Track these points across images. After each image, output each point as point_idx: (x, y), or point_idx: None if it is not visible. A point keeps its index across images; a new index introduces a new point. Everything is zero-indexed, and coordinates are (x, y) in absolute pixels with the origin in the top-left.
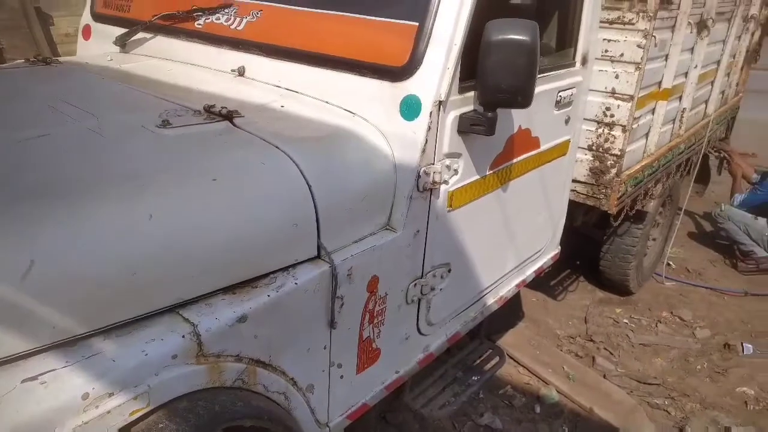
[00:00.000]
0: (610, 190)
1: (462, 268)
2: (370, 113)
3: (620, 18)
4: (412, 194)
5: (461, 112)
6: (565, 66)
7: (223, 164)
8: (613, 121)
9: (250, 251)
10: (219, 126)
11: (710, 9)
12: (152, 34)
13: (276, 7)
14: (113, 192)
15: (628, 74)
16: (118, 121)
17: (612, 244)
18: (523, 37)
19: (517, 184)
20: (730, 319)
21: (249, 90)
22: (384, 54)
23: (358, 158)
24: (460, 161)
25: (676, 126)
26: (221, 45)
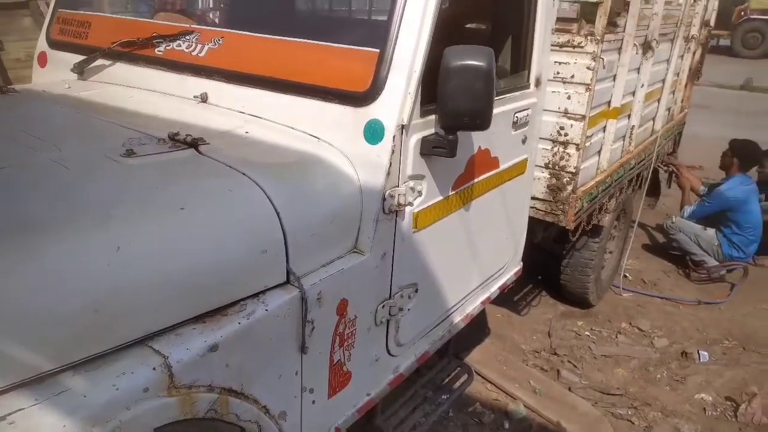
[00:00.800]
0: (567, 206)
1: (429, 287)
2: (334, 138)
3: (570, 41)
4: (378, 217)
5: (423, 135)
6: (520, 88)
7: (191, 193)
8: (567, 140)
9: (219, 279)
10: (184, 154)
11: (654, 31)
12: (111, 61)
13: (238, 34)
14: (79, 224)
15: (579, 95)
16: (82, 151)
17: (571, 258)
18: (480, 62)
19: (479, 203)
20: (686, 328)
21: (212, 116)
22: (347, 80)
23: (324, 183)
24: (424, 183)
25: (627, 143)
26: (183, 71)
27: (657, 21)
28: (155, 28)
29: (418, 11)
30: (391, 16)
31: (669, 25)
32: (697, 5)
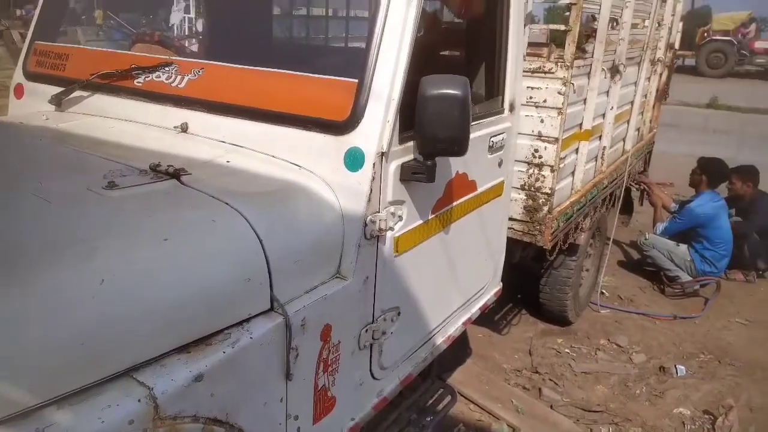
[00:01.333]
0: (543, 226)
1: (411, 310)
2: (315, 165)
3: (541, 67)
4: (360, 242)
5: (402, 161)
6: (495, 113)
7: (174, 224)
8: (541, 162)
9: (204, 309)
10: (166, 185)
11: (621, 55)
12: (89, 93)
13: (218, 66)
14: (63, 258)
15: (551, 118)
16: (63, 184)
17: (549, 276)
18: (456, 91)
19: (458, 225)
20: (663, 343)
21: (193, 146)
22: (326, 109)
23: (306, 210)
24: (404, 207)
25: (599, 163)
26: (163, 102)
27: (624, 46)
28: (134, 60)
29: (395, 42)
30: (369, 46)
31: (635, 49)
32: (662, 30)
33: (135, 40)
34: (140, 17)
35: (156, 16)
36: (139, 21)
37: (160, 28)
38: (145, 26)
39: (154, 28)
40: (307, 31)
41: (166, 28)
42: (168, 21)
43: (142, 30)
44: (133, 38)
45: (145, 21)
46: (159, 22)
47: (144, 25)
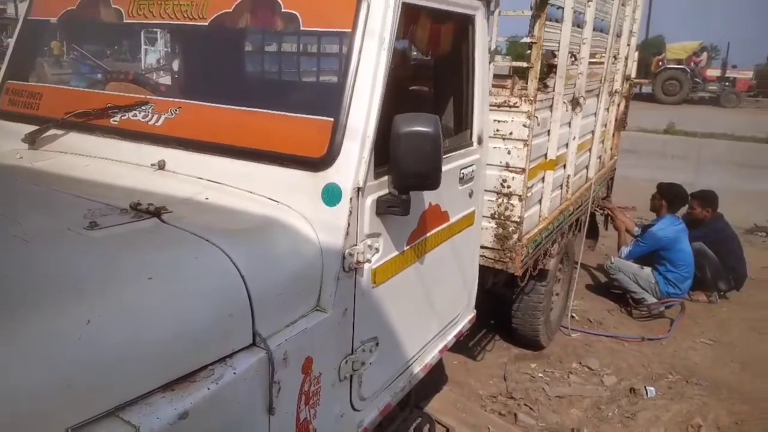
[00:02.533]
0: (514, 253)
1: (389, 340)
2: (293, 201)
3: (506, 102)
4: (338, 275)
5: (378, 195)
6: (464, 146)
7: (157, 262)
8: (510, 192)
9: (188, 346)
10: (148, 223)
11: (580, 88)
12: (64, 131)
13: (195, 104)
14: (48, 299)
15: (518, 150)
16: (43, 224)
17: (521, 302)
18: (428, 128)
19: (433, 255)
20: (632, 364)
21: (172, 183)
22: (303, 146)
23: (286, 245)
24: (380, 240)
25: (564, 191)
26: (139, 140)
27: (583, 80)
28: (110, 99)
29: (369, 82)
30: (344, 87)
31: (594, 82)
32: (618, 63)
33: (109, 78)
34: (105, 48)
35: (120, 46)
36: (104, 52)
37: (126, 59)
38: (109, 57)
39: (119, 59)
40: (282, 67)
41: (131, 59)
42: (134, 53)
43: (115, 68)
44: (108, 77)
45: (110, 52)
46: (124, 53)
47: (108, 56)
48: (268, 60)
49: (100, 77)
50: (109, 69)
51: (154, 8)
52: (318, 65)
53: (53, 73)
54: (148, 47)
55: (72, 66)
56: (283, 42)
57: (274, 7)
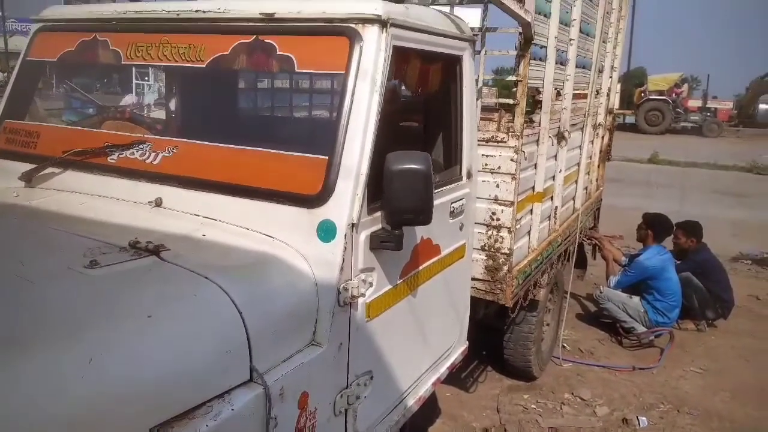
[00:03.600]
0: (504, 284)
1: (383, 373)
2: (289, 237)
3: (494, 137)
4: (334, 310)
5: (371, 231)
6: (454, 181)
7: (157, 300)
8: (499, 224)
9: (187, 383)
10: (147, 261)
11: (565, 123)
12: (61, 170)
13: (192, 143)
14: (51, 338)
15: (506, 183)
16: (44, 264)
17: (512, 333)
18: (419, 166)
19: (425, 288)
20: (624, 394)
21: (169, 221)
22: (299, 184)
23: (282, 281)
24: (374, 274)
25: (552, 222)
26: (136, 178)
27: (567, 114)
28: (108, 138)
29: (362, 122)
30: (338, 126)
31: (578, 116)
32: (601, 97)
33: (105, 117)
34: (94, 82)
35: (110, 80)
36: (93, 85)
37: (115, 92)
38: (99, 90)
39: (110, 91)
40: (277, 107)
41: (120, 92)
42: (124, 88)
43: (111, 107)
44: (104, 115)
45: (99, 85)
46: (114, 86)
47: (98, 89)
48: (264, 100)
49: (97, 116)
50: (106, 108)
51: (152, 51)
52: (312, 105)
53: (51, 112)
54: (141, 82)
55: (69, 105)
56: (278, 83)
57: (269, 50)
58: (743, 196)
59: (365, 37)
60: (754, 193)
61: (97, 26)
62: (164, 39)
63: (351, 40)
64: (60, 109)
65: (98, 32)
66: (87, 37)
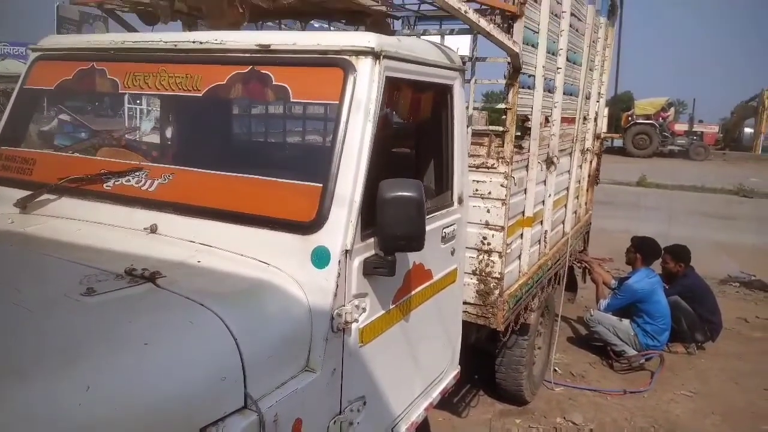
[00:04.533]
0: (496, 308)
1: (376, 399)
2: (283, 263)
3: (484, 163)
4: (327, 335)
5: (365, 257)
6: (446, 206)
7: (153, 327)
8: (490, 249)
9: (183, 410)
10: (143, 288)
11: (554, 149)
12: (56, 196)
13: (188, 171)
14: (49, 366)
15: (496, 208)
16: (41, 291)
17: (504, 357)
18: (412, 193)
19: (417, 313)
20: (616, 419)
21: (164, 247)
22: (293, 211)
23: (277, 307)
24: (367, 299)
25: (542, 246)
26: (132, 205)
27: (555, 140)
28: (104, 165)
29: (355, 151)
30: (331, 154)
31: (566, 142)
32: (588, 123)
33: (101, 144)
34: (85, 105)
35: (101, 103)
36: (85, 108)
37: (107, 115)
38: (91, 112)
39: (99, 113)
40: (273, 135)
41: (111, 115)
42: (116, 111)
43: (108, 134)
44: (100, 142)
45: (91, 107)
46: (105, 110)
47: (90, 111)
48: (259, 129)
49: (93, 142)
50: (102, 134)
51: (149, 80)
52: (306, 134)
53: (46, 139)
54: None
55: (61, 130)
56: (273, 112)
57: (265, 80)
58: (730, 219)
59: (359, 69)
60: (741, 215)
61: (95, 55)
62: (162, 68)
63: (345, 71)
64: (54, 134)
65: (96, 61)
66: (85, 66)
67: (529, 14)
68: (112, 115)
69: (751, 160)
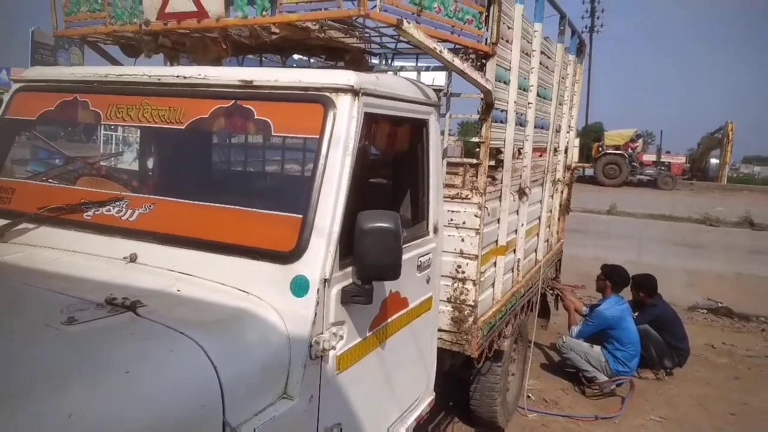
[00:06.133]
0: (470, 335)
1: (352, 425)
2: (263, 292)
3: (459, 194)
4: (305, 363)
5: (343, 285)
6: (422, 236)
7: (134, 356)
8: (464, 277)
9: None
10: (124, 317)
11: (526, 180)
12: (35, 225)
13: (169, 201)
14: (31, 395)
15: (470, 238)
16: (22, 320)
17: (478, 383)
18: (388, 224)
19: (393, 340)
20: None
21: (144, 276)
22: (273, 240)
23: (256, 335)
24: (345, 327)
25: (515, 274)
26: (112, 234)
27: (527, 172)
28: (84, 195)
29: (334, 183)
30: (311, 186)
31: (538, 173)
32: (559, 155)
33: (81, 173)
34: (58, 130)
35: (75, 128)
36: (57, 133)
37: (80, 140)
38: (64, 137)
39: (73, 139)
40: (254, 167)
41: (85, 140)
42: (89, 136)
43: (88, 164)
44: (80, 172)
45: (63, 133)
46: (78, 135)
47: (62, 136)
48: (241, 160)
49: (73, 172)
50: (81, 164)
51: (132, 112)
52: (288, 164)
53: (26, 168)
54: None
55: (36, 156)
56: (254, 143)
57: (247, 114)
58: (698, 247)
59: (339, 105)
60: (708, 243)
61: (78, 87)
62: (145, 101)
63: (325, 107)
64: (28, 159)
65: (79, 93)
66: (68, 98)
67: (501, 53)
68: (85, 140)
69: (717, 190)
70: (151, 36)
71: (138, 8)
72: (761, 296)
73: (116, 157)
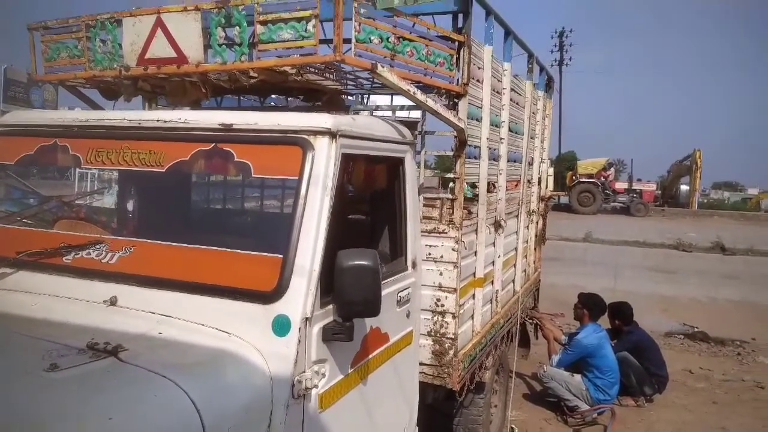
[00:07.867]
0: (451, 368)
1: None
2: (244, 332)
3: (436, 228)
4: (288, 402)
5: (324, 323)
6: (400, 271)
7: (117, 402)
8: (444, 310)
9: None
10: (106, 362)
11: (501, 212)
12: (14, 270)
13: (149, 243)
14: None
15: (449, 271)
16: (2, 367)
17: (461, 416)
18: (367, 262)
19: (375, 376)
20: None
21: (124, 319)
22: (254, 280)
23: (238, 376)
24: (327, 365)
25: (494, 305)
26: (92, 278)
27: (502, 204)
28: (64, 239)
29: (314, 222)
30: (291, 226)
31: (512, 205)
32: (533, 186)
33: (59, 216)
34: (30, 169)
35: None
36: (30, 172)
37: (53, 177)
38: (36, 176)
39: (45, 176)
40: (234, 208)
41: (58, 177)
42: (62, 174)
43: (66, 207)
44: (58, 215)
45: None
46: (52, 172)
47: (35, 175)
48: (221, 202)
49: (50, 214)
50: (59, 204)
51: (112, 156)
52: (267, 204)
53: (3, 212)
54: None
55: (19, 202)
56: (234, 182)
57: (227, 157)
58: (671, 273)
59: (317, 147)
60: (681, 269)
61: (58, 132)
62: (125, 145)
63: (304, 149)
64: (3, 200)
65: (59, 137)
66: (47, 142)
67: (472, 92)
68: (59, 177)
69: (688, 216)
70: (130, 80)
71: (118, 53)
72: (735, 320)
73: (93, 195)
